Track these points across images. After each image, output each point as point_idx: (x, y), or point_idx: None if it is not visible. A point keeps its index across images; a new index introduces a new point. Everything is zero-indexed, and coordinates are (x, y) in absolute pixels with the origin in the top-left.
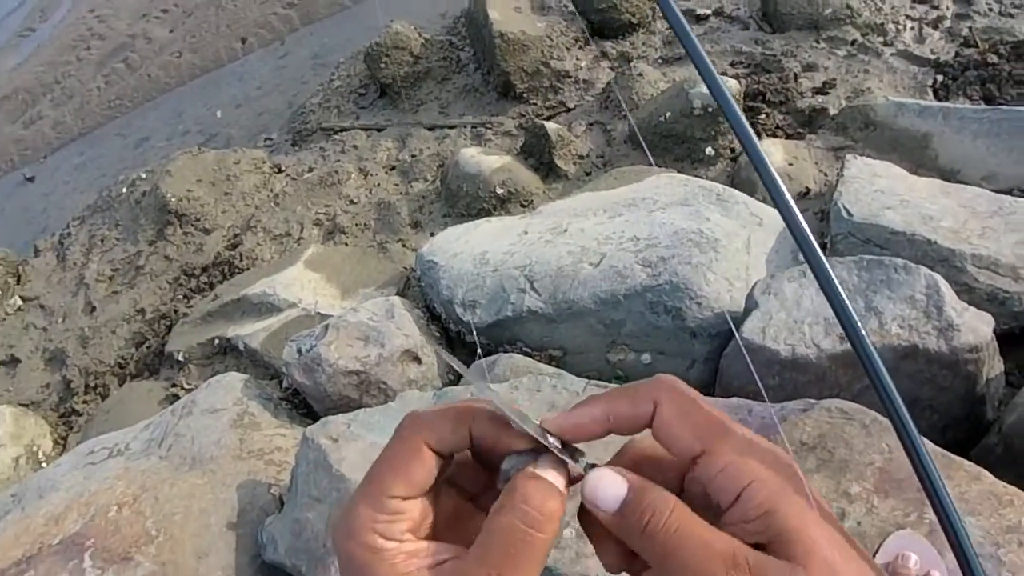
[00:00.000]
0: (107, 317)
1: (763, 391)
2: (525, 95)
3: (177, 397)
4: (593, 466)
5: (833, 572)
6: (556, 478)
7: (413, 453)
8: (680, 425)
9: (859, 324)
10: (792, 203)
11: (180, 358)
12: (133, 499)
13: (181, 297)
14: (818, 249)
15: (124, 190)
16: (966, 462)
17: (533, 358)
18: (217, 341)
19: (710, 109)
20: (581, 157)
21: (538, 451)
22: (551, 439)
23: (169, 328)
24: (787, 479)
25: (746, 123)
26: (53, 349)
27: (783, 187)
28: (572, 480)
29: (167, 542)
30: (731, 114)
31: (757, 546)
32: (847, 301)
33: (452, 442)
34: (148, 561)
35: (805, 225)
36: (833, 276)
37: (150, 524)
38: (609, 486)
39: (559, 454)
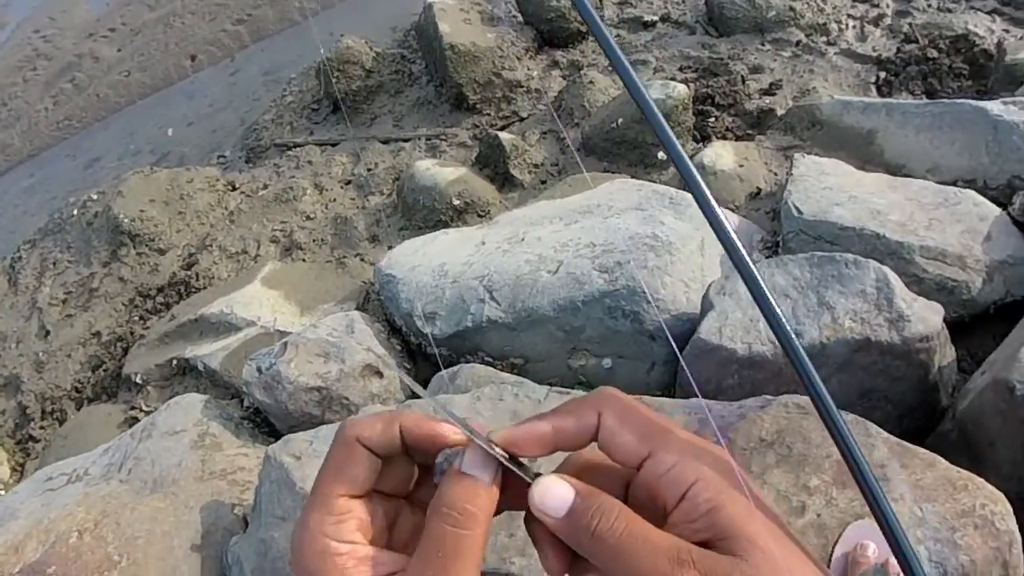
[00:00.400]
0: (62, 341)
1: (696, 389)
2: (478, 106)
3: (136, 420)
4: (539, 475)
5: (773, 563)
6: (482, 473)
7: (348, 451)
8: (623, 432)
9: (770, 296)
10: (713, 201)
11: (138, 380)
12: (94, 524)
13: (137, 319)
14: (736, 239)
15: (75, 212)
16: (920, 450)
17: (495, 367)
18: (175, 362)
19: (661, 113)
20: (536, 166)
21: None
22: (484, 438)
23: (126, 350)
24: (727, 478)
25: (667, 127)
26: (7, 375)
27: (704, 187)
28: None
29: (130, 567)
30: (650, 115)
31: (703, 544)
32: (750, 261)
33: (384, 440)
34: None
35: (727, 222)
36: (742, 250)
37: (112, 549)
38: (556, 493)
39: (487, 448)
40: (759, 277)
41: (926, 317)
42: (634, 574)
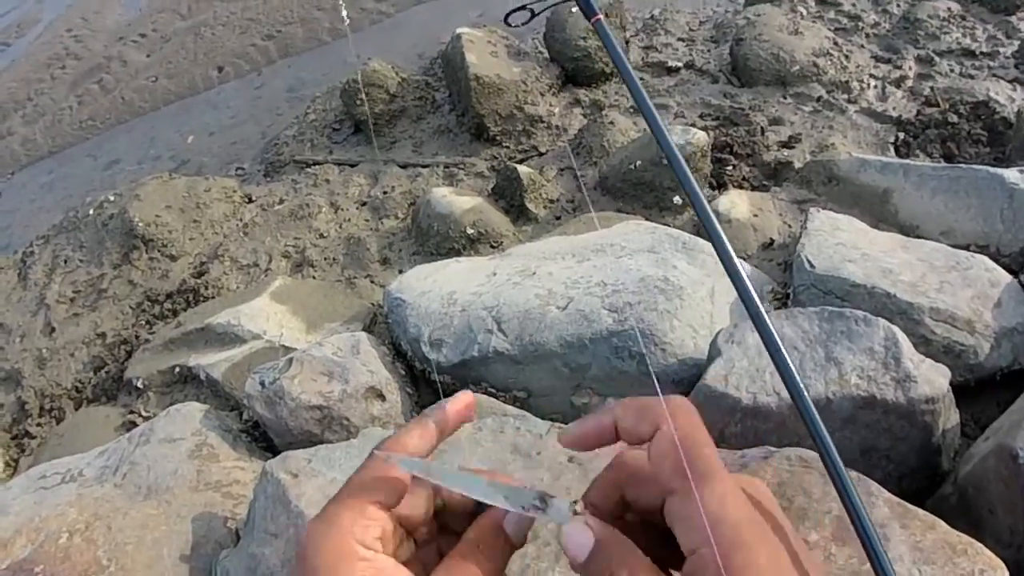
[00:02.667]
0: (66, 339)
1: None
2: (498, 138)
3: (134, 424)
4: (575, 503)
5: None
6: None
7: (388, 468)
8: (666, 458)
9: (788, 359)
10: (735, 257)
11: (139, 385)
12: (85, 526)
13: (143, 323)
14: (751, 287)
15: (91, 212)
16: (921, 511)
17: (498, 399)
18: (178, 369)
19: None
20: (552, 201)
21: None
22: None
23: (129, 354)
24: (766, 526)
25: (689, 172)
26: (9, 369)
27: (723, 234)
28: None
29: (118, 572)
30: (679, 170)
31: None
32: (767, 319)
33: (422, 443)
34: None
35: (746, 277)
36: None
37: (101, 553)
38: (578, 538)
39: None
40: (772, 327)
41: (933, 379)
42: None
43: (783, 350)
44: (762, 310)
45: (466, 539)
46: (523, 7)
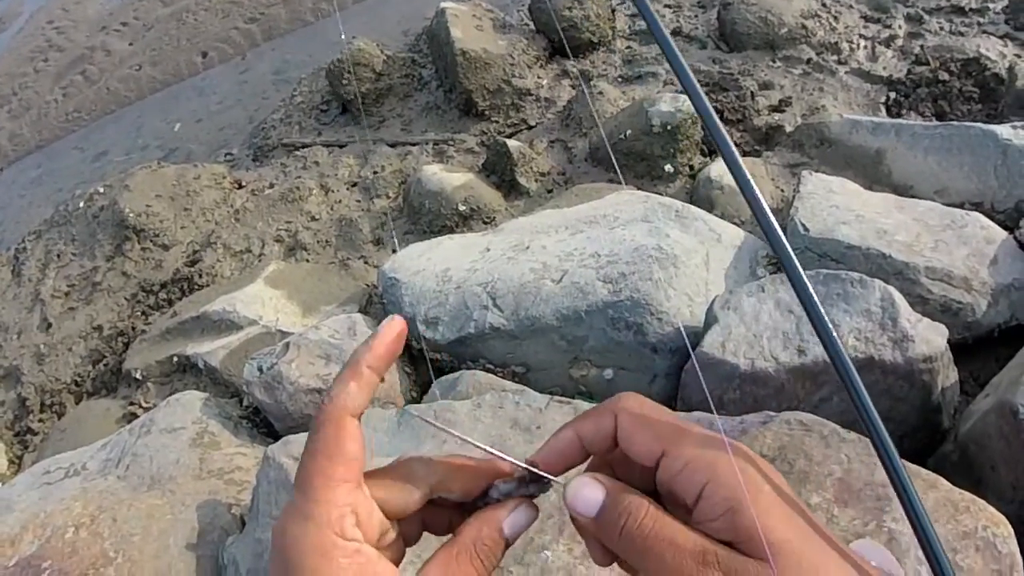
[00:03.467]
0: (63, 334)
1: (712, 406)
2: (487, 112)
3: (135, 416)
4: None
5: (799, 569)
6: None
7: (337, 428)
8: (638, 432)
9: (834, 333)
10: (770, 214)
11: (138, 376)
12: (91, 520)
13: (139, 314)
14: (792, 255)
15: (82, 204)
16: (923, 470)
17: (496, 375)
18: (176, 359)
19: (669, 127)
20: (543, 174)
21: (521, 479)
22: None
23: (127, 345)
24: (747, 473)
25: (727, 135)
26: (7, 366)
27: (761, 198)
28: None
29: (125, 564)
30: (712, 127)
31: (726, 544)
32: (822, 309)
33: (362, 401)
34: None
35: (781, 233)
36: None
37: (108, 546)
38: (586, 494)
39: (525, 468)
40: (808, 284)
41: (930, 338)
42: (661, 573)
43: (816, 301)
44: (803, 275)
45: (463, 539)
46: None
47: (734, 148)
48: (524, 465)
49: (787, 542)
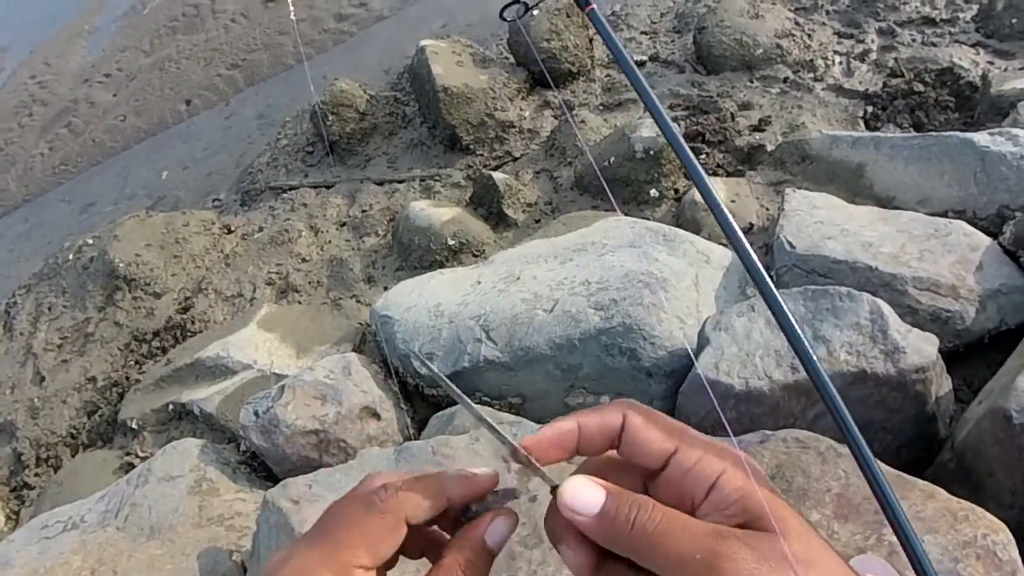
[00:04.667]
0: (57, 387)
1: (725, 423)
2: (471, 146)
3: (132, 466)
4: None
5: (809, 542)
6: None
7: (392, 528)
8: (649, 430)
9: (810, 349)
10: (740, 233)
11: (134, 426)
12: (91, 573)
13: (133, 363)
14: (766, 275)
15: (71, 256)
16: (920, 481)
17: (493, 407)
18: (171, 407)
19: (652, 152)
20: (530, 205)
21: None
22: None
23: (121, 395)
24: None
25: (694, 159)
26: (2, 422)
27: (732, 219)
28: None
29: None
30: (681, 152)
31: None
32: (796, 325)
33: (430, 511)
34: None
35: (755, 256)
36: (781, 300)
37: None
38: (587, 493)
39: (523, 453)
40: (784, 305)
41: (921, 348)
42: (676, 558)
43: (793, 321)
44: (774, 289)
45: (449, 561)
46: (517, 1)
47: (701, 168)
48: (515, 444)
49: (796, 522)
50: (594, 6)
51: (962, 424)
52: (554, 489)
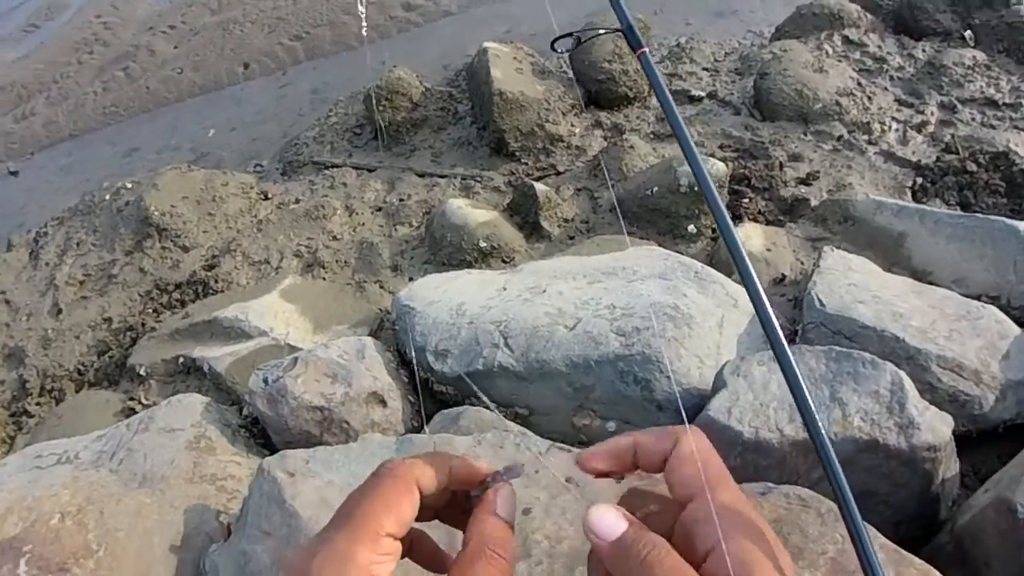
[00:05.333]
0: (72, 321)
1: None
2: (517, 154)
3: (133, 411)
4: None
5: None
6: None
7: (405, 491)
8: (687, 465)
9: (815, 410)
10: (763, 293)
11: (142, 372)
12: (77, 510)
13: (151, 311)
14: (783, 339)
15: (107, 197)
16: (916, 559)
17: (499, 414)
18: (182, 360)
19: (696, 188)
20: (566, 220)
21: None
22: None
23: (134, 341)
24: (761, 543)
25: (724, 209)
26: (13, 346)
27: (755, 276)
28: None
29: (107, 558)
30: (711, 199)
31: None
32: (805, 387)
33: (435, 482)
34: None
35: (773, 315)
36: (794, 362)
37: (92, 538)
38: (611, 519)
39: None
40: (795, 365)
41: (936, 427)
42: None
43: (802, 382)
44: (787, 348)
45: (471, 548)
46: (569, 34)
47: (728, 218)
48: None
49: None
50: (646, 50)
51: (965, 509)
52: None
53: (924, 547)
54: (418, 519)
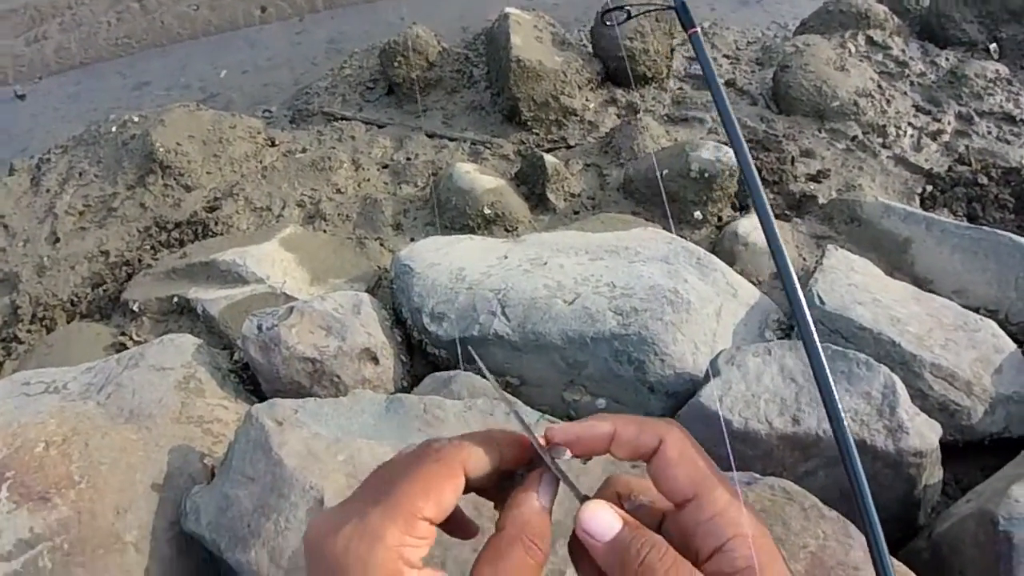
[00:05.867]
0: (69, 251)
1: (731, 455)
2: (529, 123)
3: (124, 347)
4: (586, 497)
5: None
6: (550, 502)
7: (449, 475)
8: (679, 467)
9: (841, 409)
10: (795, 278)
11: (135, 308)
12: (63, 440)
13: (148, 248)
14: (812, 325)
15: (113, 129)
16: (896, 560)
17: (495, 383)
18: (176, 299)
19: (707, 175)
20: (573, 195)
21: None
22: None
23: (130, 276)
24: (761, 541)
25: (766, 200)
26: (7, 272)
27: (791, 267)
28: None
29: (88, 490)
30: (753, 186)
31: None
32: (832, 381)
33: (484, 467)
34: (66, 506)
35: (806, 308)
36: (824, 358)
37: (75, 469)
38: (606, 517)
39: (553, 468)
40: (824, 360)
41: (924, 433)
42: None
43: (829, 376)
44: (816, 340)
45: (509, 530)
46: (621, 7)
47: (770, 210)
48: (561, 469)
49: None
50: (697, 29)
51: (945, 517)
52: (583, 500)
53: (900, 550)
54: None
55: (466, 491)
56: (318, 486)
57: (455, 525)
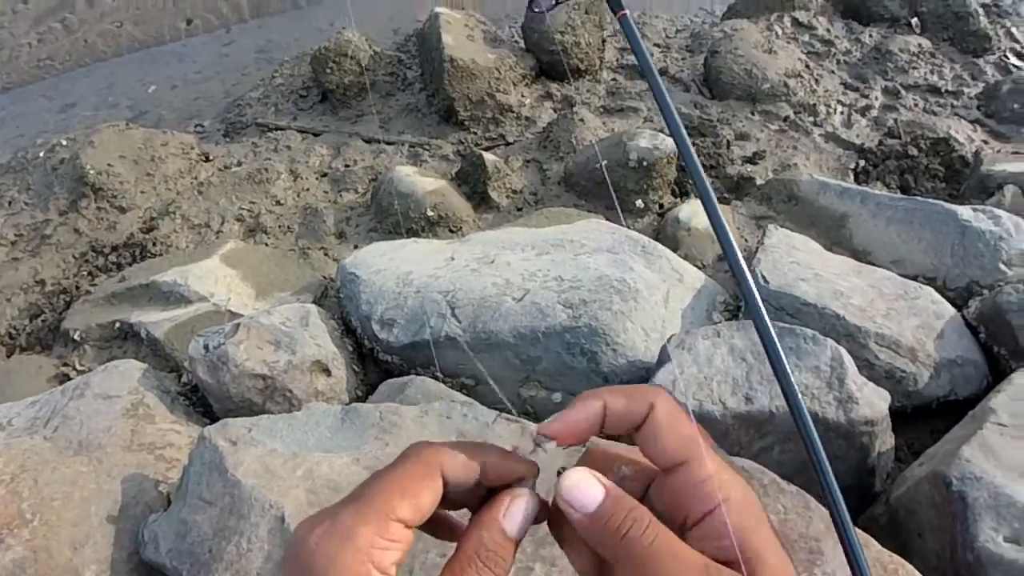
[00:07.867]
0: (3, 283)
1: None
2: (466, 123)
3: (68, 377)
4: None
5: None
6: (521, 534)
7: (426, 476)
8: (670, 432)
9: (798, 390)
10: (745, 266)
11: (76, 337)
12: (11, 478)
13: (86, 274)
14: (760, 304)
15: (41, 154)
16: (856, 529)
17: (445, 384)
18: (118, 325)
19: (645, 163)
20: (515, 192)
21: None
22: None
23: (68, 304)
24: (750, 505)
25: (708, 185)
26: None
27: (737, 248)
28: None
29: (42, 527)
30: (694, 170)
31: (722, 563)
32: (784, 358)
33: (464, 472)
34: (20, 545)
35: (753, 283)
36: (775, 335)
37: (26, 507)
38: (587, 488)
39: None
40: (776, 340)
41: (873, 402)
42: None
43: (782, 354)
44: (764, 313)
45: (465, 549)
46: None
47: (712, 193)
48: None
49: (786, 573)
50: (627, 12)
51: (900, 482)
52: (560, 473)
53: (859, 518)
54: (444, 507)
55: (452, 505)
56: (278, 503)
57: (439, 526)
